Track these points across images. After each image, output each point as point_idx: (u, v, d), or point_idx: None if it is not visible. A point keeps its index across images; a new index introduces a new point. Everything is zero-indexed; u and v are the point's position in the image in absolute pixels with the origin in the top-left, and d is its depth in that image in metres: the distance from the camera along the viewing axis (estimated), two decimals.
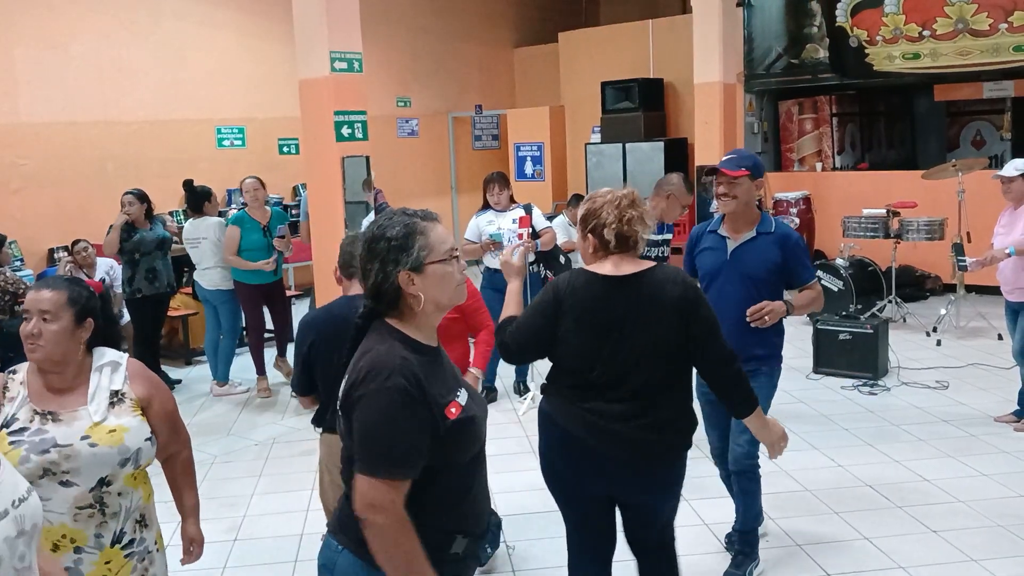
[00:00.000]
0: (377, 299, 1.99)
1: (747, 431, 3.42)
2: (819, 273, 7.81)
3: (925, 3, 9.29)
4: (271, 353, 7.07)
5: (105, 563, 2.32)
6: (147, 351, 6.55)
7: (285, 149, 10.93)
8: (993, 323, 7.60)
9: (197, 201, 6.89)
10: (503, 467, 4.89)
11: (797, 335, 5.10)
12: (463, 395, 2.00)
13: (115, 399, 2.37)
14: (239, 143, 10.50)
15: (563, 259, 6.50)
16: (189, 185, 7.02)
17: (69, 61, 8.92)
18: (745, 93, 10.73)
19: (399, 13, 12.09)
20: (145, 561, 2.43)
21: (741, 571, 3.71)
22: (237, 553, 4.21)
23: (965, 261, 5.96)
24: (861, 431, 5.48)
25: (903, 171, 10.20)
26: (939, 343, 7.46)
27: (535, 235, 6.05)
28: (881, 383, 6.40)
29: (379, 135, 9.23)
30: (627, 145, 11.22)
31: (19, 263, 8.21)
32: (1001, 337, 7.27)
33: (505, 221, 6.06)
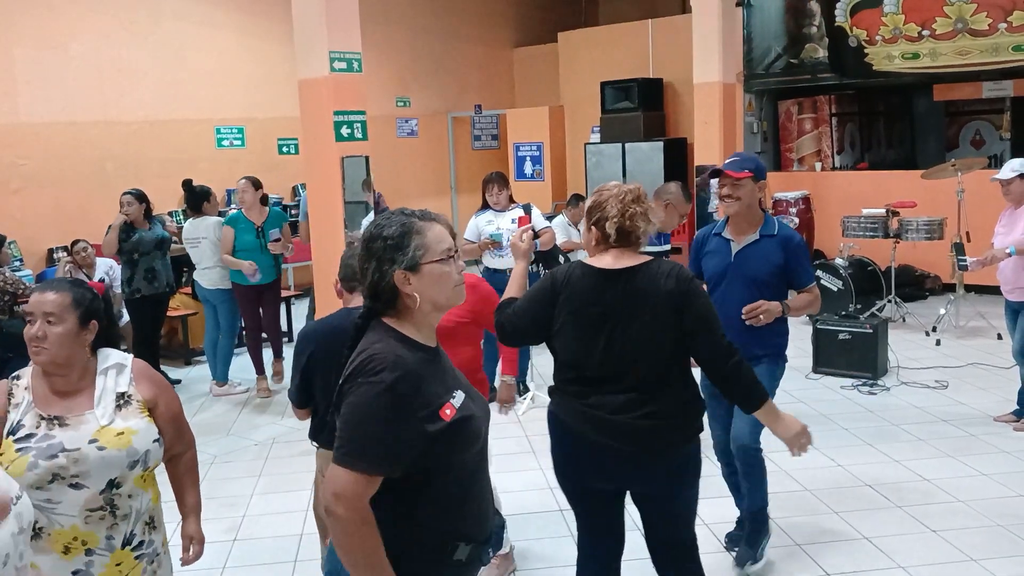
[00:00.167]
0: (375, 298, 1.99)
1: (748, 421, 3.47)
2: (818, 273, 7.82)
3: (924, 3, 9.30)
4: (270, 353, 7.06)
5: (116, 565, 2.32)
6: (146, 351, 6.54)
7: (284, 149, 10.94)
8: (992, 323, 7.60)
9: (196, 201, 6.89)
10: (503, 467, 4.88)
11: (797, 335, 5.06)
12: (459, 396, 1.98)
13: (121, 401, 2.36)
14: (238, 143, 10.50)
15: (562, 259, 6.51)
16: (188, 185, 7.02)
17: (69, 61, 8.92)
18: (744, 93, 10.73)
19: (399, 13, 12.09)
20: (154, 564, 2.43)
21: (754, 550, 3.74)
22: (237, 553, 4.21)
23: (966, 261, 5.96)
24: (861, 431, 5.49)
25: (902, 171, 10.20)
26: (938, 343, 7.46)
27: (534, 235, 6.04)
28: (881, 383, 6.40)
29: (378, 135, 9.22)
30: (626, 145, 11.21)
31: (18, 263, 8.21)
32: (1000, 337, 7.27)
33: (504, 221, 6.06)
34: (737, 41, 10.23)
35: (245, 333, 7.01)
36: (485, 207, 6.24)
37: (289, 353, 7.42)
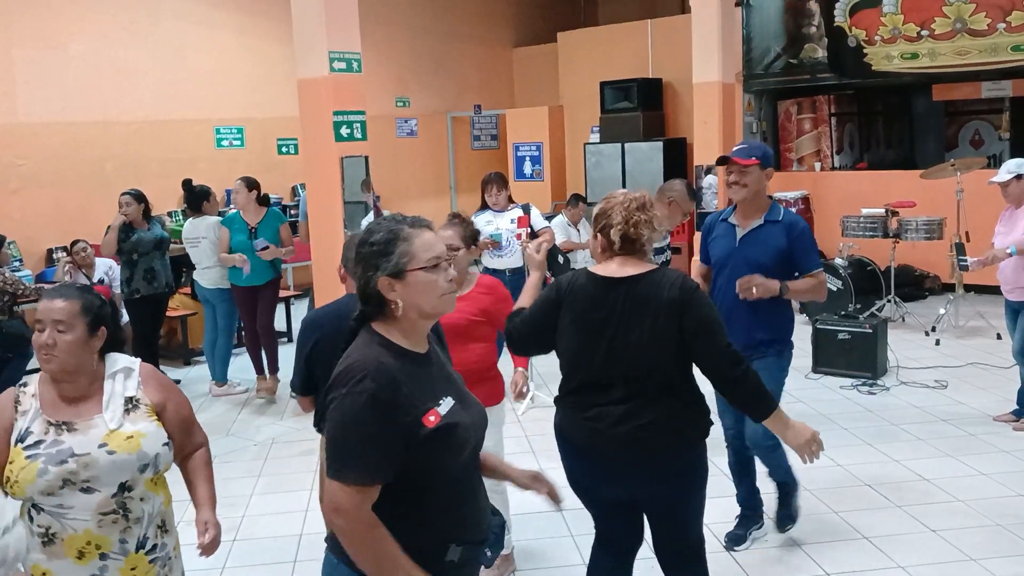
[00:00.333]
0: (365, 302, 2.01)
1: None
2: None
3: (923, 3, 9.30)
4: None
5: (131, 569, 2.32)
6: (146, 352, 6.53)
7: (284, 149, 10.93)
8: (992, 322, 7.61)
9: (196, 200, 6.89)
10: None
11: (796, 334, 5.02)
12: (447, 403, 1.97)
13: (130, 405, 2.36)
14: (238, 143, 10.50)
15: (562, 259, 6.49)
16: (188, 185, 7.02)
17: (68, 61, 8.91)
18: (744, 93, 10.74)
19: (398, 13, 12.09)
20: (166, 567, 2.43)
21: (788, 510, 4.08)
22: (236, 553, 4.21)
23: (966, 261, 5.96)
24: (860, 430, 5.49)
25: (902, 171, 10.20)
26: (938, 342, 7.46)
27: (533, 235, 6.05)
28: (880, 382, 6.41)
29: (378, 135, 9.22)
30: (626, 145, 11.22)
31: (18, 263, 8.21)
32: (1000, 336, 7.27)
33: (503, 221, 6.07)
34: (736, 41, 10.23)
35: (244, 333, 6.99)
36: (484, 207, 6.24)
37: (286, 358, 7.44)
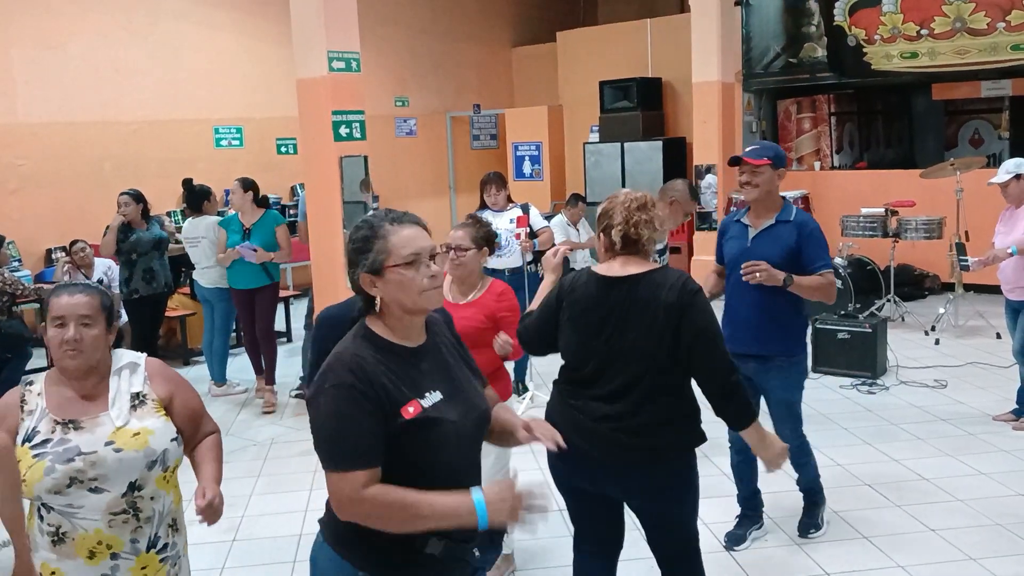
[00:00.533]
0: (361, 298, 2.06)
1: (786, 421, 3.79)
2: None
3: (923, 2, 9.30)
4: None
5: (142, 568, 2.31)
6: (145, 352, 6.51)
7: (283, 149, 10.93)
8: (992, 322, 7.61)
9: (196, 200, 6.88)
10: None
11: None
12: (432, 397, 1.97)
13: (136, 401, 2.34)
14: (237, 143, 10.50)
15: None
16: (189, 184, 7.02)
17: (67, 61, 8.92)
18: (743, 92, 10.73)
19: (397, 13, 12.09)
20: (176, 566, 2.42)
21: (814, 519, 4.11)
22: (236, 553, 4.21)
23: (967, 261, 5.95)
24: (860, 430, 5.49)
25: (901, 170, 10.19)
26: (937, 342, 7.46)
27: (532, 235, 6.06)
28: (880, 382, 6.40)
29: (377, 135, 9.23)
30: (625, 144, 11.21)
31: (17, 264, 8.21)
32: (999, 336, 7.27)
33: (503, 221, 6.06)
34: (736, 40, 10.24)
35: (243, 334, 6.98)
36: (483, 207, 6.23)
37: (286, 358, 7.46)
